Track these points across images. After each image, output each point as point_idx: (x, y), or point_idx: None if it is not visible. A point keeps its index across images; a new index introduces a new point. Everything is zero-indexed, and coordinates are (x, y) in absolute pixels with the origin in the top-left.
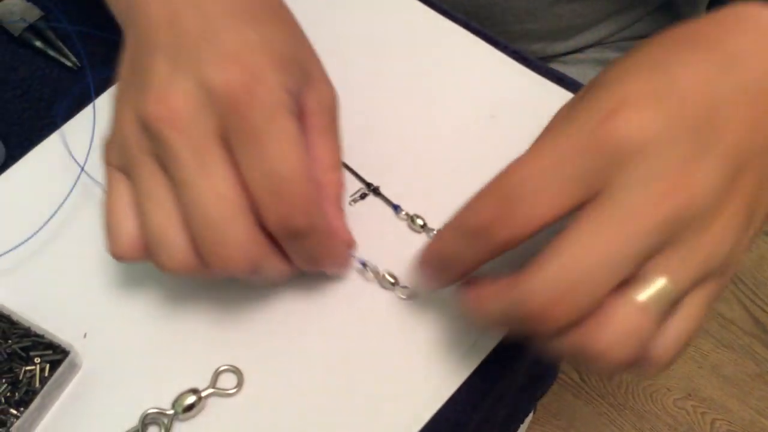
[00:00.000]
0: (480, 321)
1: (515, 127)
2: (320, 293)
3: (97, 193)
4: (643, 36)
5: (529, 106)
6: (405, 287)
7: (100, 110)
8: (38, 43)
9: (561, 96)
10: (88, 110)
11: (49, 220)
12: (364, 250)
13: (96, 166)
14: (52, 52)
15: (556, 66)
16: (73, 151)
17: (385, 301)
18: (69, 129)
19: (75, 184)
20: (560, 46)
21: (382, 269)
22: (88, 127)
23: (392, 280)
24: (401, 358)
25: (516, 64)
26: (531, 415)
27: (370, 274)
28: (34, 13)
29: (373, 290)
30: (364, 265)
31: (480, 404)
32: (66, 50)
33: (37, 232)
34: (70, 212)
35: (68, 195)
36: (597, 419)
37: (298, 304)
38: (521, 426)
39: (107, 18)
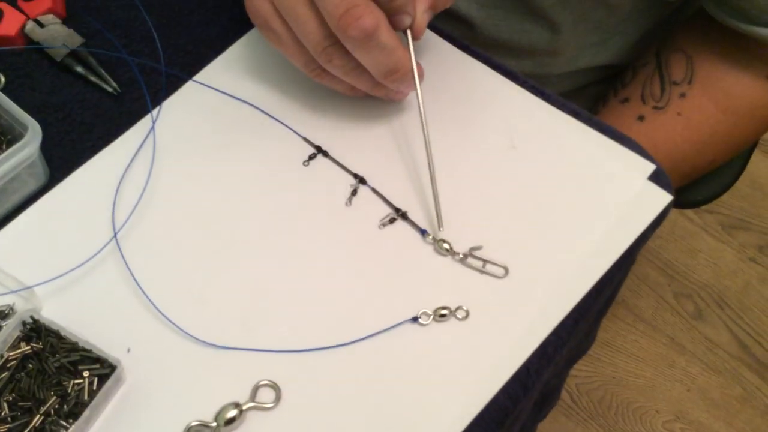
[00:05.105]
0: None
1: (535, 155)
2: (355, 311)
3: (137, 213)
4: None
5: (547, 136)
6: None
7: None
8: (79, 69)
9: (576, 127)
10: (124, 137)
11: (104, 246)
12: (393, 271)
13: (135, 189)
14: (93, 78)
15: None
16: (112, 177)
17: (414, 324)
18: (109, 152)
19: (114, 201)
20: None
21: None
22: (125, 153)
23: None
24: (430, 379)
25: (534, 98)
26: None
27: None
28: (76, 40)
29: (402, 312)
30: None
31: (504, 421)
32: (107, 76)
33: (93, 256)
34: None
35: (113, 214)
36: None
37: (333, 320)
38: None
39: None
